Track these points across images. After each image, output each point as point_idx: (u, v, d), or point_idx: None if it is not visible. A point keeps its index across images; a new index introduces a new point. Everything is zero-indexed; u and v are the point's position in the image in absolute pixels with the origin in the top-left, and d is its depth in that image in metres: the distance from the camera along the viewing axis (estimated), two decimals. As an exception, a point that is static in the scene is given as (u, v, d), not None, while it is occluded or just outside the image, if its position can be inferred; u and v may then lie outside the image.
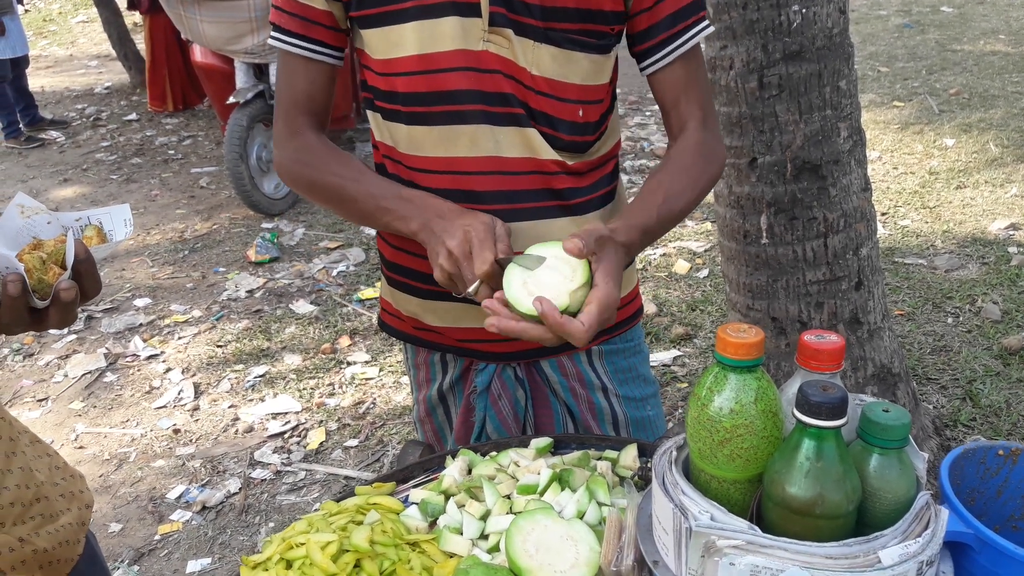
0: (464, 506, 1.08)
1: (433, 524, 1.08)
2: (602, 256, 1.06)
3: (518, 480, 1.11)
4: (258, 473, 3.05)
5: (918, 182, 5.01)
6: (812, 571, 0.73)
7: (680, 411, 3.12)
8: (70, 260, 0.93)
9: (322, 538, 0.98)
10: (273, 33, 1.24)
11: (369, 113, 1.29)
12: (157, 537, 2.78)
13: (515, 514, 1.04)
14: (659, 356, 3.48)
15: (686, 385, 3.30)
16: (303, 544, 0.99)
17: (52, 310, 0.93)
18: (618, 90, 1.34)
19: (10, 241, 0.97)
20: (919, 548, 0.75)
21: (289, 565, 0.98)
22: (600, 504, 1.04)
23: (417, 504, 1.10)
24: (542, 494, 1.06)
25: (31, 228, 0.99)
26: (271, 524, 2.80)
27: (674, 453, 0.88)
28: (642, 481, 1.12)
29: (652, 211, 1.18)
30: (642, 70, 1.28)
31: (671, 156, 1.27)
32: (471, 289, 1.10)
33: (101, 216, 1.04)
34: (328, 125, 1.32)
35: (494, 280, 1.07)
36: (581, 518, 1.01)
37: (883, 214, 4.62)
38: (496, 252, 1.07)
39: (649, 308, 3.84)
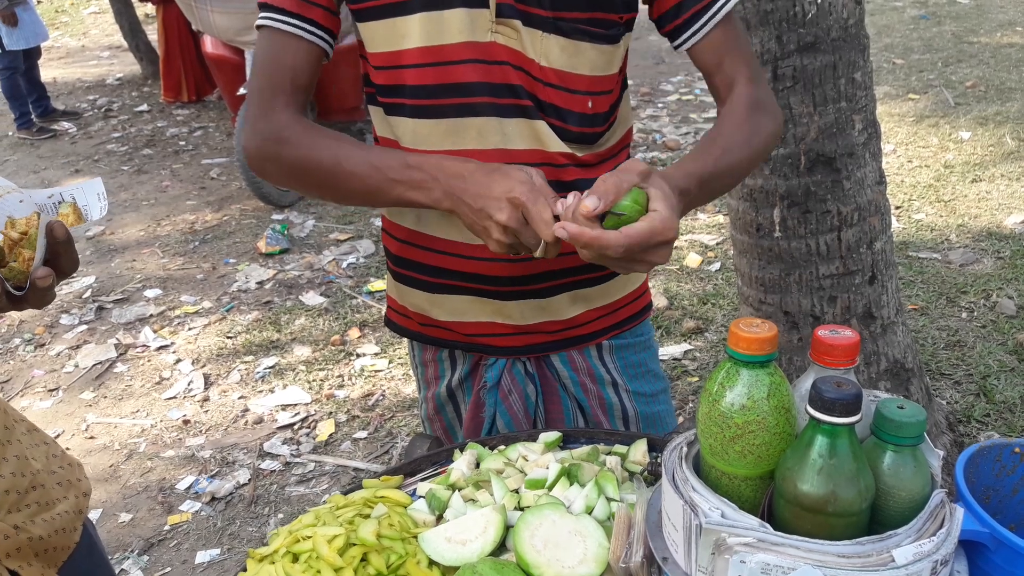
0: (472, 500, 1.07)
1: (440, 518, 1.07)
2: (651, 184, 1.00)
3: (526, 474, 1.10)
4: (267, 464, 3.05)
5: (933, 175, 4.96)
6: (824, 570, 0.72)
7: (691, 405, 3.11)
8: (41, 247, 0.89)
9: (329, 531, 0.98)
10: (263, 13, 1.17)
11: (371, 108, 1.27)
12: (166, 527, 2.79)
13: (523, 509, 1.03)
14: (670, 350, 3.47)
15: (697, 379, 3.28)
16: (309, 537, 0.98)
17: (30, 294, 0.92)
18: (629, 81, 1.32)
19: None
20: (933, 547, 0.73)
21: (295, 558, 0.97)
22: (609, 500, 1.03)
23: (424, 497, 1.10)
24: (550, 489, 1.05)
25: (3, 208, 0.96)
26: (280, 515, 2.80)
27: (684, 449, 0.86)
28: (652, 476, 1.10)
29: (709, 160, 1.12)
30: (677, 47, 1.23)
31: (723, 114, 1.21)
32: (538, 253, 1.06)
33: (74, 192, 1.00)
34: (305, 113, 1.25)
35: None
36: (590, 513, 1.00)
37: (897, 208, 4.58)
38: (553, 209, 1.02)
39: (660, 301, 3.82)
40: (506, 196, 1.03)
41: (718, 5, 1.19)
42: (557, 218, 1.02)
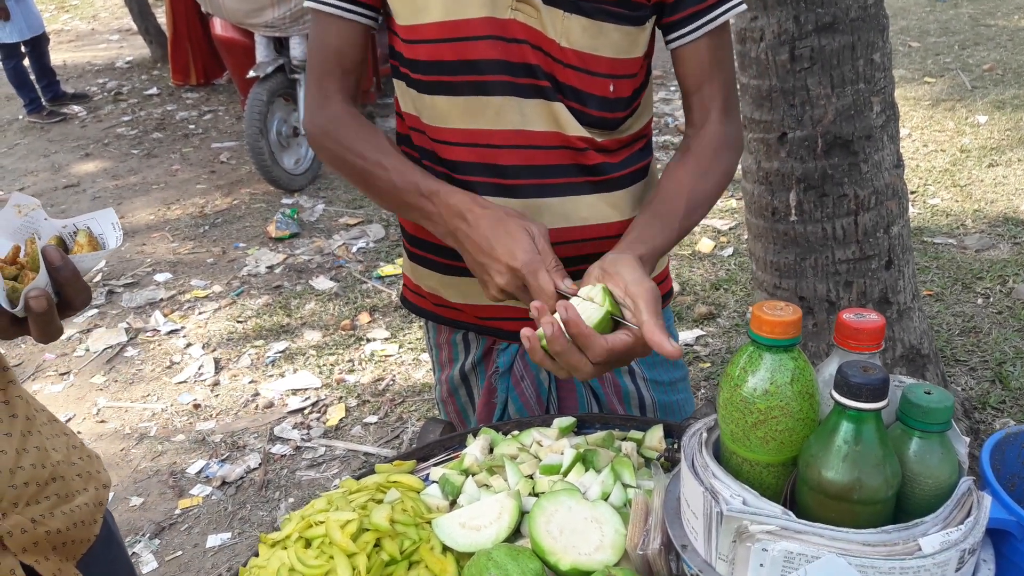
0: (485, 486, 1.06)
1: (453, 503, 1.05)
2: (641, 290, 0.97)
3: (541, 460, 1.08)
4: (278, 449, 3.06)
5: (949, 160, 4.91)
6: (849, 558, 0.70)
7: (703, 391, 3.09)
8: (43, 270, 0.90)
9: (342, 516, 0.96)
10: None
11: (395, 81, 1.25)
12: (177, 511, 2.80)
13: (538, 495, 1.02)
14: (682, 335, 3.44)
15: (709, 365, 3.26)
16: (322, 523, 0.97)
17: (29, 320, 0.90)
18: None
19: (15, 239, 0.97)
20: (961, 536, 0.72)
21: (308, 544, 0.96)
22: (625, 486, 1.01)
23: (437, 482, 1.08)
24: (565, 475, 1.04)
25: (30, 225, 0.98)
26: (291, 500, 2.80)
27: (704, 435, 0.84)
28: (668, 463, 1.09)
29: (674, 231, 1.13)
30: (667, 43, 1.21)
31: (692, 152, 1.20)
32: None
33: (88, 221, 1.02)
34: (361, 93, 1.28)
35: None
36: (606, 500, 0.98)
37: (912, 193, 4.54)
38: (552, 282, 1.01)
39: (672, 287, 3.80)
40: (507, 263, 1.03)
41: (715, 12, 1.16)
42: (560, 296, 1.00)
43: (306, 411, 3.27)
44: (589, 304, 0.97)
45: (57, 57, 8.77)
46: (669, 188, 1.17)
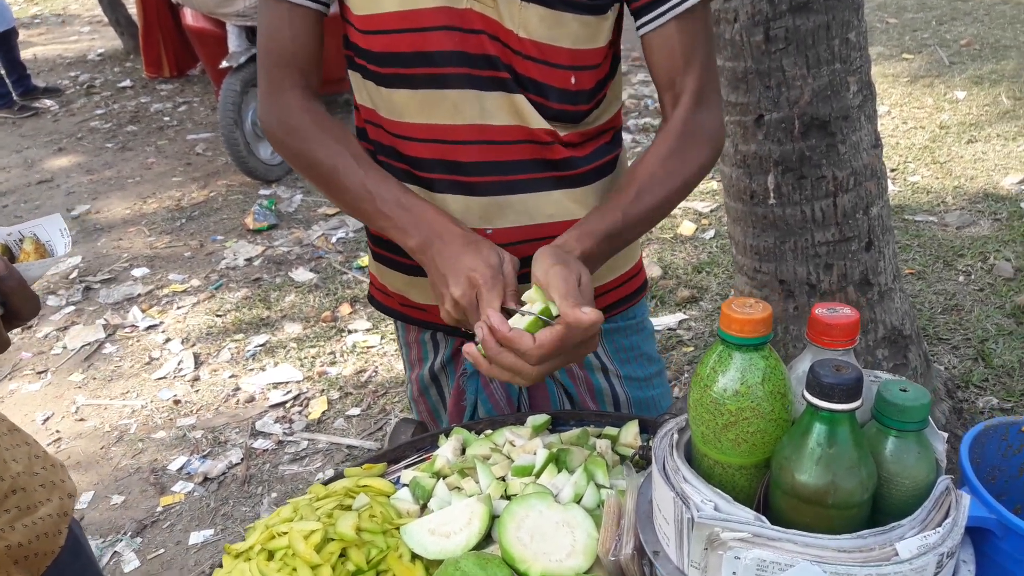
0: (457, 488, 1.03)
1: (424, 507, 1.03)
2: (549, 278, 0.96)
3: (513, 460, 1.06)
4: (260, 443, 3.02)
5: (928, 137, 4.90)
6: (823, 566, 0.68)
7: (686, 375, 3.07)
8: None
9: (305, 527, 0.93)
10: None
11: (350, 72, 1.21)
12: (159, 509, 2.76)
13: (509, 498, 0.99)
14: (664, 320, 3.43)
15: (692, 349, 3.25)
16: (286, 533, 0.94)
17: None
18: (621, 46, 1.24)
19: None
20: (939, 539, 0.70)
21: (271, 555, 0.93)
22: (599, 486, 0.99)
23: (408, 486, 1.05)
24: (538, 476, 1.01)
25: None
26: (273, 494, 2.78)
27: (675, 436, 0.82)
28: (643, 461, 1.06)
29: (617, 213, 1.07)
30: (637, 30, 1.16)
31: (655, 142, 1.15)
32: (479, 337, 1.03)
33: (35, 228, 0.99)
34: (320, 84, 1.20)
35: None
36: (578, 502, 0.96)
37: (892, 170, 4.53)
38: (504, 301, 0.99)
39: (654, 271, 3.77)
40: (467, 273, 1.01)
41: None
42: (508, 312, 0.99)
43: (288, 405, 3.23)
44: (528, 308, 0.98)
45: (27, 51, 8.60)
46: (623, 178, 1.14)
